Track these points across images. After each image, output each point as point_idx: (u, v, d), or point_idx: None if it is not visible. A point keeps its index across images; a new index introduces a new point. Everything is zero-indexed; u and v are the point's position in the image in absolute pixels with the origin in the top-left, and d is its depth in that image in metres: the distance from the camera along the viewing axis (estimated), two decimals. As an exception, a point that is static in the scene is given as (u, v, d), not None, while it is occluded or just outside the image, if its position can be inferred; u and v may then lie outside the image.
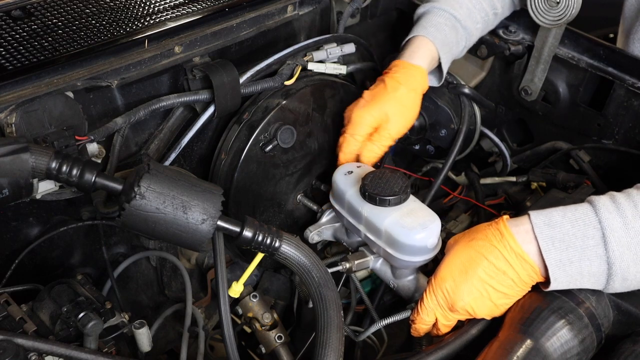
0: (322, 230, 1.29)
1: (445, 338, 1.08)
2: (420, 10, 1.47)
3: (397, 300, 1.38)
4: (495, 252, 1.03)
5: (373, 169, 1.26)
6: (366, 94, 1.36)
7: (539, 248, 1.00)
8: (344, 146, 1.34)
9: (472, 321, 1.07)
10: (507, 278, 1.02)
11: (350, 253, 1.24)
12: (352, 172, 1.24)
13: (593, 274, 0.99)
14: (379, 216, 1.13)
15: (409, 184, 1.15)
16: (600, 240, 0.98)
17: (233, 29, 1.34)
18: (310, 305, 1.29)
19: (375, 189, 1.13)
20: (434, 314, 1.07)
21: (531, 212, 1.03)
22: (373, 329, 1.19)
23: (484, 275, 1.03)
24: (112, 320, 1.08)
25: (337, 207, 1.24)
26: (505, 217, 1.06)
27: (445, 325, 1.08)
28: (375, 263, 1.21)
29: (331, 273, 1.13)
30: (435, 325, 1.09)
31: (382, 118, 1.33)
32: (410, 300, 1.18)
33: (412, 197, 1.16)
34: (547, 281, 1.02)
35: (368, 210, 1.14)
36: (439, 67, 1.43)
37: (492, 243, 1.03)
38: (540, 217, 1.02)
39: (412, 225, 1.10)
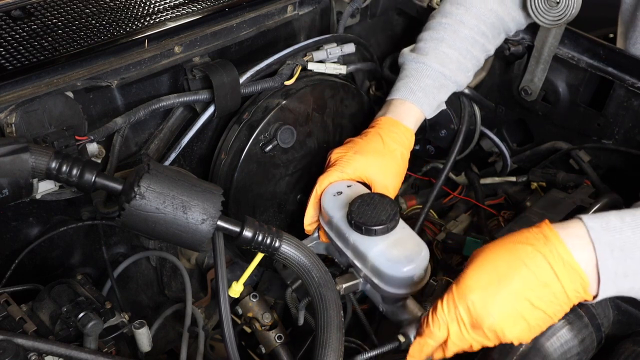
0: (314, 246, 1.25)
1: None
2: (407, 58, 1.39)
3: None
4: (538, 258, 0.87)
5: (364, 188, 1.22)
6: (359, 142, 1.28)
7: (595, 256, 0.86)
8: (322, 177, 1.23)
9: None
10: (548, 292, 0.87)
11: (340, 272, 1.19)
12: (341, 192, 1.20)
13: None
14: (365, 245, 1.09)
15: (397, 210, 1.10)
16: None
17: (233, 29, 1.34)
18: (300, 323, 1.28)
19: (362, 217, 1.09)
20: (447, 328, 0.90)
21: (583, 215, 0.89)
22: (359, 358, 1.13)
23: (521, 287, 0.87)
24: (112, 320, 1.08)
25: (325, 228, 1.21)
26: (547, 220, 0.91)
27: (457, 345, 0.92)
28: (364, 285, 1.16)
29: None
30: (444, 344, 0.93)
31: (375, 172, 1.24)
32: (398, 325, 1.11)
33: (401, 224, 1.11)
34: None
35: (354, 237, 1.11)
36: None
37: (535, 247, 0.88)
38: (596, 220, 0.88)
39: (398, 258, 1.07)
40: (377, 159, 1.25)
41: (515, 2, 1.41)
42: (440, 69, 1.35)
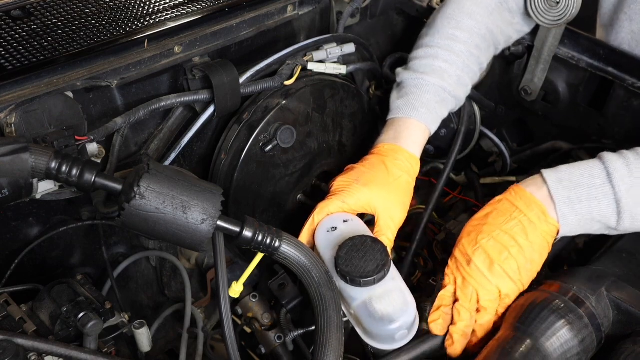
0: None
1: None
2: (404, 76, 1.36)
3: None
4: (506, 203, 1.10)
5: (362, 225, 1.15)
6: (363, 171, 1.23)
7: (548, 188, 1.07)
8: (322, 204, 1.18)
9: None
10: (516, 222, 1.07)
11: None
12: (336, 228, 1.13)
13: (602, 214, 1.06)
14: (349, 294, 1.04)
15: (387, 261, 1.03)
16: (606, 179, 1.05)
17: (233, 29, 1.34)
18: (290, 349, 1.26)
19: (348, 265, 1.02)
20: (473, 287, 1.05)
21: (542, 170, 1.11)
22: None
23: (501, 226, 1.07)
24: (112, 320, 1.08)
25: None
26: (515, 184, 1.13)
27: (486, 291, 1.05)
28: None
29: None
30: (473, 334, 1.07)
31: (380, 203, 1.19)
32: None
33: (391, 274, 1.04)
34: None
35: (340, 283, 1.05)
36: None
37: (505, 197, 1.11)
38: (548, 170, 1.10)
39: (380, 315, 1.00)
40: (381, 190, 1.20)
41: (505, 17, 1.40)
42: (440, 83, 1.32)
